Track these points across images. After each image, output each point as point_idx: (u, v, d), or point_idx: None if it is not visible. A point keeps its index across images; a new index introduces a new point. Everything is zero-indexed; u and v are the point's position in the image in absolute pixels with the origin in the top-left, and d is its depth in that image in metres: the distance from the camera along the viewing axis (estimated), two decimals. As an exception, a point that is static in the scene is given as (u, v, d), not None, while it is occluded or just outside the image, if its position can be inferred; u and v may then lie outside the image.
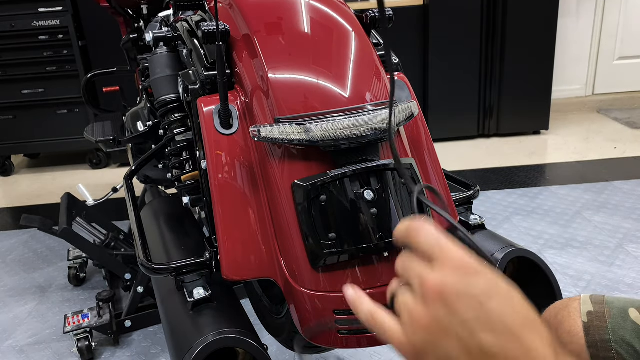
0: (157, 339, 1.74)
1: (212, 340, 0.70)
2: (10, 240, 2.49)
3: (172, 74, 1.06)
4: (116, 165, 3.44)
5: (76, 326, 1.66)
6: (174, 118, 1.04)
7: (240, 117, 0.85)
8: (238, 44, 0.89)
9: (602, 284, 1.87)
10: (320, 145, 0.75)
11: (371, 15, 0.96)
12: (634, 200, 2.47)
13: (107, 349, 1.71)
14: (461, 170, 2.96)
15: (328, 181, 0.75)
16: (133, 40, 1.69)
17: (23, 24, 3.07)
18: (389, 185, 0.77)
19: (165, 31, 1.10)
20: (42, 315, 1.92)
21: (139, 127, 1.42)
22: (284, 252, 0.80)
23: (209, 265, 0.82)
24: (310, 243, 0.75)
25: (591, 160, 3.00)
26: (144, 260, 0.85)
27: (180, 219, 1.08)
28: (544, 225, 2.29)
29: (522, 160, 3.09)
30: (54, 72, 3.17)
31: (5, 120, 3.24)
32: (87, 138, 1.88)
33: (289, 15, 0.89)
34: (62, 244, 2.26)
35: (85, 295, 2.02)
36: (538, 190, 2.66)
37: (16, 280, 2.15)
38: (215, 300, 0.80)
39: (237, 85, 0.89)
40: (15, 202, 3.01)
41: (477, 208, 1.03)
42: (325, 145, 0.75)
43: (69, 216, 1.84)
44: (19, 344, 1.77)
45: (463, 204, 1.03)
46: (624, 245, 2.10)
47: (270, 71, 0.81)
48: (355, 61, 0.85)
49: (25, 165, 3.60)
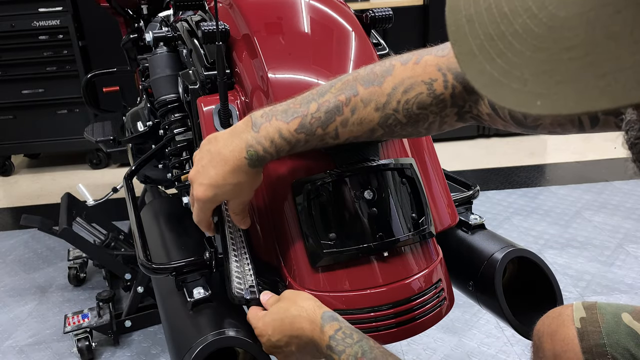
0: (157, 339, 1.74)
1: (212, 340, 0.70)
2: (10, 240, 2.49)
3: (172, 73, 1.06)
4: (116, 165, 3.44)
5: (76, 326, 1.67)
6: (173, 118, 1.04)
7: (240, 117, 0.85)
8: (238, 44, 0.89)
9: (602, 284, 1.87)
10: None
11: (371, 15, 0.96)
12: (634, 200, 2.47)
13: (107, 349, 1.71)
14: (461, 170, 2.96)
15: (328, 181, 0.75)
16: (133, 40, 1.69)
17: (23, 24, 3.07)
18: (388, 185, 0.77)
19: (165, 31, 1.10)
20: (42, 315, 1.92)
21: (139, 127, 1.42)
22: (284, 252, 0.80)
23: (209, 265, 0.82)
24: (310, 243, 0.75)
25: (591, 160, 3.00)
26: (144, 260, 0.85)
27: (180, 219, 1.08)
28: (544, 225, 2.29)
29: (522, 160, 3.09)
30: (54, 72, 3.17)
31: (5, 120, 3.24)
32: (87, 138, 1.88)
33: (288, 15, 0.89)
34: (62, 244, 2.26)
35: (85, 295, 2.02)
36: (538, 190, 2.66)
37: (16, 280, 2.15)
38: (215, 300, 0.80)
39: (237, 85, 0.89)
40: (15, 202, 3.01)
41: (477, 208, 1.04)
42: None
43: (69, 216, 1.84)
44: (19, 344, 1.77)
45: (463, 204, 1.03)
46: (624, 245, 2.10)
47: (270, 71, 0.81)
48: (355, 61, 0.85)
49: (25, 165, 3.60)
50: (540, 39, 0.32)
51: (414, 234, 0.78)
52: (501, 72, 0.34)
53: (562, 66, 0.31)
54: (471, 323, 1.71)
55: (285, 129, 0.68)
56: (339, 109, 0.67)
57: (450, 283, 0.86)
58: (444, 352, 1.59)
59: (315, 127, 0.68)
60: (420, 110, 0.66)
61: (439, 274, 0.82)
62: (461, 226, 0.99)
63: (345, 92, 0.67)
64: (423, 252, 0.80)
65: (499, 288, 0.87)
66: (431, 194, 0.89)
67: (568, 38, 0.31)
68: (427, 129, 0.70)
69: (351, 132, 0.69)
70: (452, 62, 0.64)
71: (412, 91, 0.65)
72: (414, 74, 0.65)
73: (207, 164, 0.71)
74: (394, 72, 0.67)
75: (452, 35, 0.38)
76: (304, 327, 0.68)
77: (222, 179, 0.70)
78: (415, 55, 0.67)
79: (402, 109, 0.66)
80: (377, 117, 0.67)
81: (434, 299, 0.80)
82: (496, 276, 0.87)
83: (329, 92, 0.68)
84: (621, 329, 0.69)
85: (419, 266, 0.79)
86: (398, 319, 0.76)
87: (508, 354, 1.57)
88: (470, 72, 0.36)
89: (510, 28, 0.33)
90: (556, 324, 0.73)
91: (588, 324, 0.71)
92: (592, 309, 0.72)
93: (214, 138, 0.72)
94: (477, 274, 0.91)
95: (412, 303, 0.77)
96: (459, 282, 0.95)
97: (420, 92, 0.65)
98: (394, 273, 0.76)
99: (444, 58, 0.65)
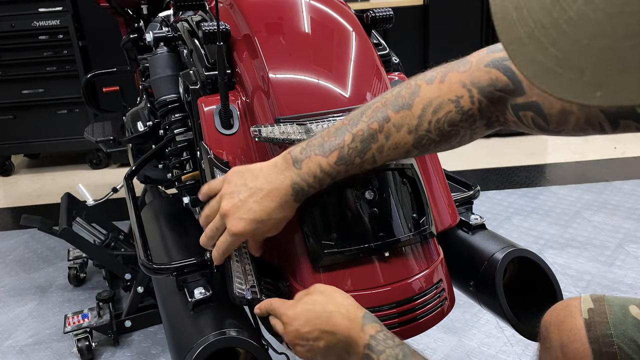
0: (157, 339, 1.74)
1: (213, 340, 0.70)
2: (10, 240, 2.49)
3: (173, 74, 1.06)
4: (116, 165, 3.44)
5: (76, 326, 1.67)
6: (174, 118, 1.04)
7: (240, 117, 0.85)
8: (239, 44, 0.89)
9: (602, 284, 1.87)
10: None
11: (371, 15, 0.96)
12: (634, 200, 2.47)
13: (107, 349, 1.71)
14: (461, 170, 2.95)
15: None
16: (133, 40, 1.69)
17: (23, 24, 3.07)
18: (389, 185, 0.77)
19: (166, 31, 1.10)
20: (42, 315, 1.92)
21: (139, 127, 1.42)
22: (285, 252, 0.80)
23: (209, 265, 0.82)
24: (311, 243, 0.75)
25: (591, 160, 3.00)
26: (144, 260, 0.85)
27: (181, 219, 1.08)
28: (544, 225, 2.29)
29: (522, 160, 3.09)
30: (54, 72, 3.17)
31: (5, 120, 3.24)
32: (87, 138, 1.88)
33: (289, 15, 0.89)
34: (62, 244, 2.26)
35: (85, 295, 2.02)
36: (538, 190, 2.66)
37: (16, 280, 2.15)
38: (216, 300, 0.80)
39: (238, 85, 0.89)
40: (15, 202, 3.01)
41: (477, 208, 1.04)
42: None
43: (69, 216, 1.84)
44: (19, 344, 1.77)
45: (463, 204, 1.03)
46: (624, 245, 2.10)
47: (271, 71, 0.81)
48: (355, 61, 0.85)
49: (25, 165, 3.60)
50: (598, 26, 0.30)
51: (414, 234, 0.78)
52: (555, 62, 0.32)
53: (623, 55, 0.29)
54: (471, 323, 1.71)
55: (326, 163, 0.70)
56: (373, 137, 0.69)
57: (451, 283, 0.86)
58: (444, 352, 1.59)
59: (353, 157, 0.70)
60: (452, 127, 0.68)
61: (439, 274, 0.82)
62: (462, 226, 0.99)
63: (377, 119, 0.69)
64: (424, 252, 0.80)
65: (500, 288, 0.87)
66: (432, 194, 0.89)
67: (629, 24, 0.29)
68: (459, 142, 0.72)
69: (388, 156, 0.70)
70: (474, 77, 0.66)
71: (441, 110, 0.67)
72: (440, 93, 0.67)
73: (247, 198, 0.71)
74: (421, 93, 0.68)
75: (499, 23, 0.36)
76: (341, 324, 0.67)
77: (267, 214, 0.71)
78: (439, 74, 0.69)
79: (434, 128, 0.68)
80: (411, 139, 0.69)
81: (435, 299, 0.80)
82: (497, 276, 0.87)
83: (361, 121, 0.70)
84: (628, 320, 0.70)
85: (420, 266, 0.79)
86: (399, 319, 0.76)
87: (508, 354, 1.57)
88: (520, 61, 0.35)
89: (564, 15, 0.32)
90: (564, 314, 0.74)
91: (596, 315, 0.71)
92: (600, 301, 0.73)
93: (248, 172, 0.73)
94: (477, 274, 0.91)
95: (413, 303, 0.77)
96: (459, 282, 0.95)
97: (449, 111, 0.66)
98: (395, 273, 0.76)
99: (466, 73, 0.66)
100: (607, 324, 0.70)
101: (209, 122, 0.83)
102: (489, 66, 0.64)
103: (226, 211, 0.72)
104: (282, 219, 0.73)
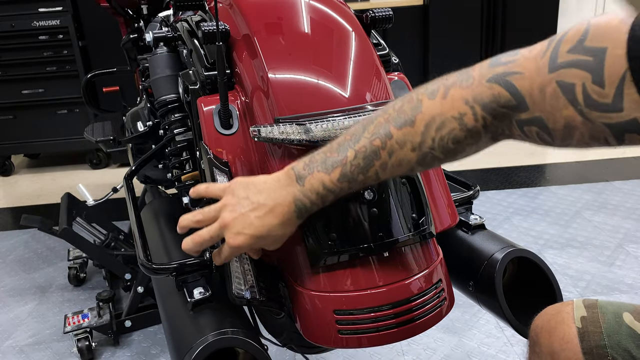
0: (157, 339, 1.74)
1: (213, 340, 0.70)
2: (10, 240, 2.49)
3: (172, 74, 1.06)
4: (116, 165, 3.44)
5: (76, 326, 1.67)
6: (174, 118, 1.04)
7: (240, 117, 0.85)
8: (238, 44, 0.89)
9: (602, 284, 1.87)
10: (321, 145, 0.75)
11: (371, 15, 0.96)
12: (634, 200, 2.47)
13: (107, 349, 1.71)
14: (461, 170, 2.95)
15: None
16: (133, 40, 1.69)
17: (23, 24, 3.07)
18: (388, 185, 0.77)
19: (165, 31, 1.10)
20: (42, 315, 1.92)
21: (139, 127, 1.42)
22: (284, 252, 0.80)
23: (209, 265, 0.82)
24: (310, 243, 0.75)
25: (591, 160, 3.00)
26: (144, 260, 0.85)
27: (180, 219, 1.08)
28: (544, 226, 2.29)
29: (522, 160, 3.09)
30: (54, 72, 3.17)
31: (5, 120, 3.24)
32: (87, 138, 1.88)
33: (289, 15, 0.89)
34: (62, 244, 2.26)
35: (85, 295, 2.02)
36: (538, 190, 2.66)
37: (16, 280, 2.15)
38: (216, 300, 0.80)
39: (237, 85, 0.89)
40: (15, 202, 3.01)
41: (477, 208, 1.04)
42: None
43: (69, 216, 1.84)
44: (19, 344, 1.77)
45: (463, 204, 1.03)
46: (624, 245, 2.10)
47: (270, 71, 0.81)
48: (355, 61, 0.85)
49: (25, 165, 3.60)
50: None
51: (414, 234, 0.78)
52: None
53: None
54: (471, 323, 1.71)
55: (328, 180, 0.69)
56: (376, 154, 0.68)
57: (451, 283, 0.86)
58: (444, 352, 1.59)
59: (356, 174, 0.69)
60: (456, 144, 0.67)
61: (439, 274, 0.82)
62: (461, 226, 0.99)
63: (379, 135, 0.68)
64: (423, 252, 0.80)
65: (499, 288, 0.87)
66: (431, 194, 0.89)
67: None
68: (465, 156, 0.71)
69: (392, 173, 0.70)
70: (477, 93, 0.64)
71: (445, 128, 0.66)
72: (442, 110, 0.65)
73: (248, 213, 0.71)
74: (423, 108, 0.67)
75: None
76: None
77: (268, 231, 0.71)
78: (441, 87, 0.67)
79: (438, 146, 0.67)
80: (414, 156, 0.68)
81: (434, 299, 0.80)
82: (496, 276, 0.87)
83: (363, 137, 0.69)
84: (622, 329, 0.69)
85: (419, 266, 0.79)
86: (398, 319, 0.76)
87: (508, 354, 1.57)
88: None
89: None
90: (555, 320, 0.73)
91: (589, 324, 0.70)
92: (592, 308, 0.72)
93: (252, 185, 0.73)
94: (477, 274, 0.91)
95: (413, 303, 0.77)
96: (459, 282, 0.95)
97: (452, 129, 0.65)
98: (394, 273, 0.76)
99: (469, 89, 0.64)
100: (601, 334, 0.69)
101: (209, 122, 0.83)
102: (490, 81, 0.63)
103: (227, 223, 0.72)
104: (283, 236, 0.73)
